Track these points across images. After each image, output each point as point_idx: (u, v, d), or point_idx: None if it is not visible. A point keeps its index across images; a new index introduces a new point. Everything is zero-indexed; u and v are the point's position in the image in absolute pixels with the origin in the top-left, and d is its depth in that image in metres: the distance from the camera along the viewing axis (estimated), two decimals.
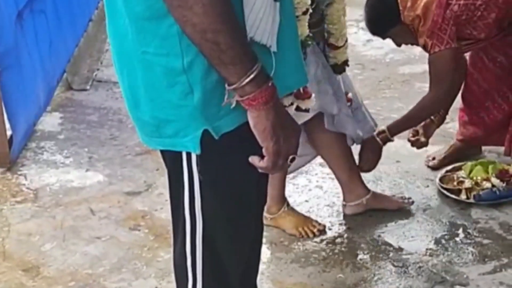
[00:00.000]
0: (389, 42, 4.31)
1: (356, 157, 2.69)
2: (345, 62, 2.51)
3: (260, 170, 1.44)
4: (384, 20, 2.67)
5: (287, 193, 2.71)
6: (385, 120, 3.30)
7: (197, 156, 1.47)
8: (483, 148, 3.05)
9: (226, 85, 1.35)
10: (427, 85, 2.79)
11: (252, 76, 1.33)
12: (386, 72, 3.96)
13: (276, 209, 2.62)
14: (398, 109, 3.35)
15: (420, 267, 2.39)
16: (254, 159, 1.42)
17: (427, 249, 2.48)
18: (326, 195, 2.86)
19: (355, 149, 2.69)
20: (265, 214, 2.28)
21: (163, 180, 3.08)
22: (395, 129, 2.70)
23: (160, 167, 3.18)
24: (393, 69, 3.98)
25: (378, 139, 2.67)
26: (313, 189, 2.90)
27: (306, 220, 2.65)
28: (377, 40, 3.36)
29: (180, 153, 1.49)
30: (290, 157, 1.42)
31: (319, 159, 2.83)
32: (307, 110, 2.03)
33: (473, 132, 2.95)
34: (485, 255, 2.42)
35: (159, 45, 1.35)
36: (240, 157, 1.50)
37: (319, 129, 2.54)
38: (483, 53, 2.81)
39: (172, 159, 1.53)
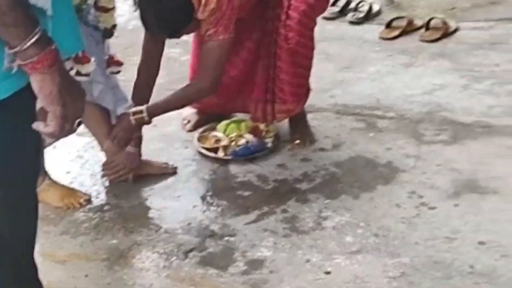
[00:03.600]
0: (130, 8, 4.32)
1: None
2: (115, 26, 2.50)
3: (47, 136, 1.39)
4: (180, 21, 2.54)
5: (47, 166, 2.62)
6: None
7: None
8: None
9: (6, 49, 1.28)
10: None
11: (35, 38, 1.28)
12: (131, 39, 3.96)
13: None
14: None
15: (189, 223, 2.47)
16: (39, 125, 1.37)
17: (193, 206, 2.58)
18: (88, 164, 2.83)
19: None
20: None
21: None
22: (154, 112, 2.62)
23: None
24: (138, 35, 3.99)
25: (132, 119, 2.59)
26: (74, 160, 2.85)
27: (70, 191, 2.60)
28: (119, 8, 3.35)
29: None
30: (77, 120, 1.40)
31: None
32: (87, 75, 1.99)
33: (208, 101, 2.93)
34: (247, 206, 2.56)
35: None
36: (18, 125, 1.45)
37: None
38: None
39: None
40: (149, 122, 2.63)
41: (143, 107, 2.60)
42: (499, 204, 2.46)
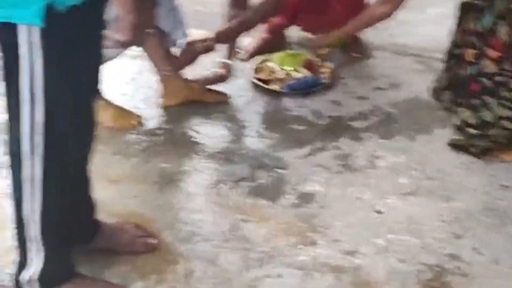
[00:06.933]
0: None
1: None
2: None
3: (116, 45, 1.36)
4: None
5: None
6: None
7: (40, 30, 1.36)
8: (290, 40, 3.16)
9: None
10: None
11: None
12: None
13: None
14: None
15: (241, 154, 2.44)
16: (110, 32, 1.35)
17: (245, 136, 2.55)
18: (141, 87, 2.81)
19: None
20: None
21: None
22: (221, 37, 2.61)
23: None
24: None
25: (199, 46, 2.58)
26: (129, 82, 2.83)
27: (123, 112, 2.59)
28: None
29: (19, 26, 1.36)
30: (147, 31, 1.37)
31: (128, 52, 2.75)
32: None
33: (276, 20, 3.01)
34: (300, 140, 2.52)
35: None
36: (84, 34, 1.42)
37: None
38: None
39: (8, 34, 1.39)
40: (215, 49, 2.62)
41: (209, 34, 2.59)
42: None
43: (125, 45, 1.36)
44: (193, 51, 2.59)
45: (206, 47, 2.59)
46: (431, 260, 1.97)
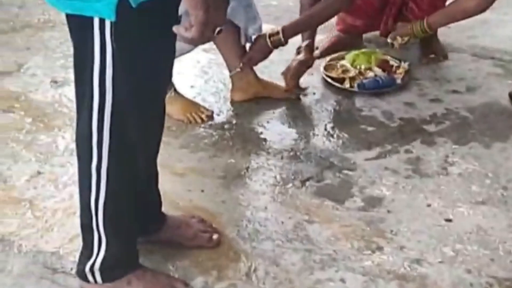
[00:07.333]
0: None
1: None
2: None
3: (185, 42, 1.35)
4: None
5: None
6: None
7: (111, 23, 1.36)
8: (364, 38, 3.10)
9: None
10: None
11: None
12: None
13: None
14: None
15: (308, 152, 2.40)
16: (179, 29, 1.33)
17: (314, 135, 2.50)
18: (212, 81, 2.80)
19: None
20: None
21: (36, 60, 2.89)
22: (290, 31, 2.55)
23: (31, 46, 2.96)
24: None
25: (269, 41, 2.54)
26: (199, 75, 2.83)
27: (193, 105, 2.59)
28: None
29: (91, 19, 1.37)
30: (218, 29, 1.35)
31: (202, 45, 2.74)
32: None
33: (352, 21, 2.97)
34: (370, 141, 2.46)
35: None
36: (156, 29, 1.41)
37: None
38: None
39: (80, 26, 1.40)
40: (285, 43, 2.57)
41: (279, 28, 2.54)
42: None
43: (194, 42, 1.34)
44: (265, 47, 2.56)
45: (276, 42, 2.55)
46: (501, 273, 1.89)
